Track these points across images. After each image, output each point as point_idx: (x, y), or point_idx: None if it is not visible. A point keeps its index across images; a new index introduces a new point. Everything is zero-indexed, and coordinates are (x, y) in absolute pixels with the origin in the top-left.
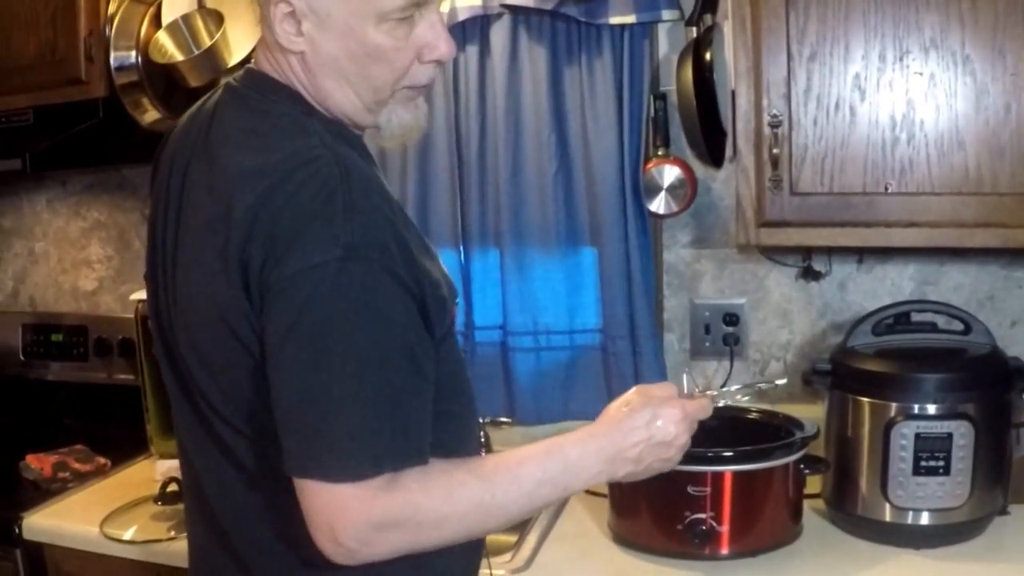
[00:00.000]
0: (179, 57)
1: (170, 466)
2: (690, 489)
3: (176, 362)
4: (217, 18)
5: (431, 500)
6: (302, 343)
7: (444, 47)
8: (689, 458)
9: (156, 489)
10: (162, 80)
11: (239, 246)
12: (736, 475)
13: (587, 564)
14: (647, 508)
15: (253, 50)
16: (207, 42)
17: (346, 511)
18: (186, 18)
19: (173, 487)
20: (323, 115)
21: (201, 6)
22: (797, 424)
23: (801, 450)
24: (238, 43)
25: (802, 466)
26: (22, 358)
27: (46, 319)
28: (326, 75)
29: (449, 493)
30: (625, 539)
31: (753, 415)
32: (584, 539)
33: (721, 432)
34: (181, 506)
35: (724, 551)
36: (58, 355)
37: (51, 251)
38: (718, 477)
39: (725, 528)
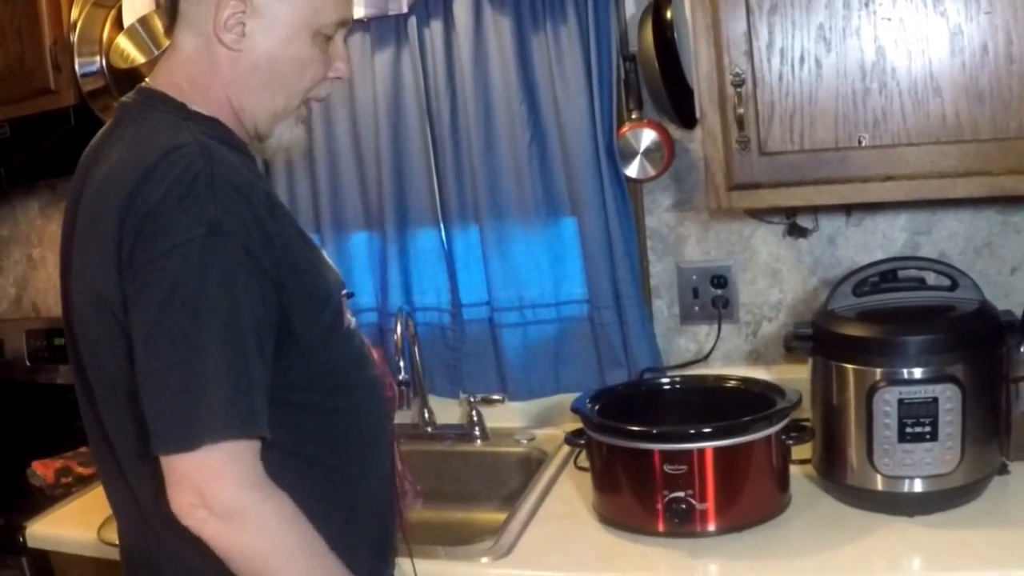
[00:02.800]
0: (140, 60)
1: None
2: (667, 468)
3: (78, 356)
4: (174, 16)
5: (289, 522)
6: (173, 319)
7: (345, 66)
8: (665, 435)
9: None
10: (128, 83)
11: (115, 233)
12: (714, 451)
13: (571, 547)
14: (627, 487)
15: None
16: (166, 42)
17: (217, 473)
18: (143, 20)
19: None
20: (204, 119)
21: (159, 6)
22: (778, 392)
23: (782, 421)
24: None
25: (784, 437)
26: (28, 363)
27: (50, 324)
28: (254, 76)
29: (301, 533)
30: (609, 519)
31: (732, 384)
32: (570, 519)
33: (699, 404)
34: None
35: (709, 528)
36: (63, 359)
37: (48, 256)
38: (695, 454)
39: (707, 505)
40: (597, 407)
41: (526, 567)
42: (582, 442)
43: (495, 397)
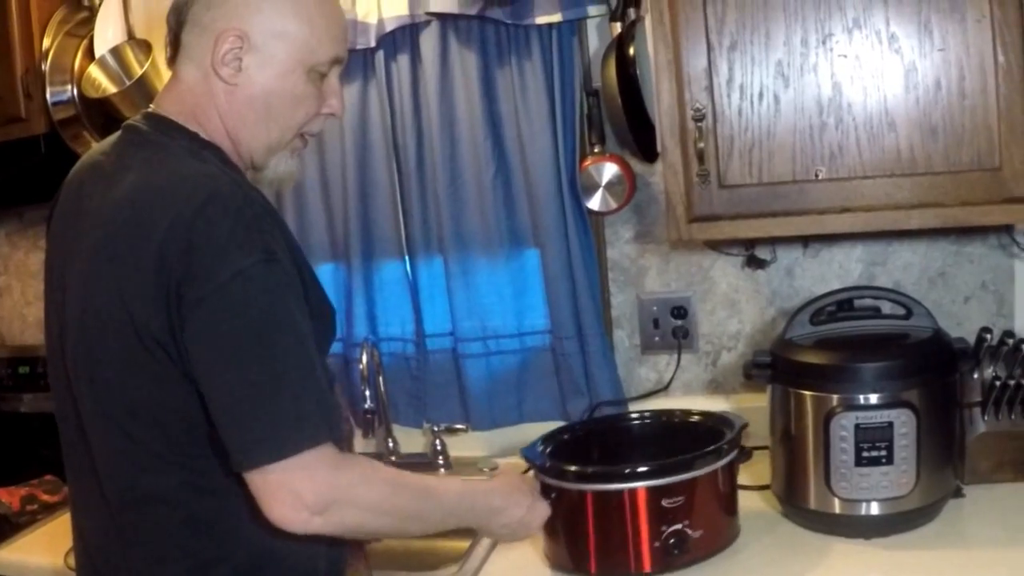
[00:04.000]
0: (111, 90)
1: None
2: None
3: (67, 381)
4: (146, 48)
5: (376, 487)
6: (248, 340)
7: (338, 103)
8: (605, 476)
9: None
10: (99, 113)
11: (155, 260)
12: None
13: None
14: (574, 531)
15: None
16: (138, 72)
17: (313, 473)
18: (115, 51)
19: None
20: (215, 149)
21: (131, 37)
22: (728, 425)
23: (727, 455)
24: (168, 71)
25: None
26: None
27: (13, 352)
28: (250, 110)
29: (393, 489)
30: (556, 562)
31: (679, 419)
32: (533, 546)
33: (645, 443)
34: None
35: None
36: (28, 387)
37: (13, 284)
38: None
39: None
40: (550, 449)
41: None
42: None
43: (458, 426)
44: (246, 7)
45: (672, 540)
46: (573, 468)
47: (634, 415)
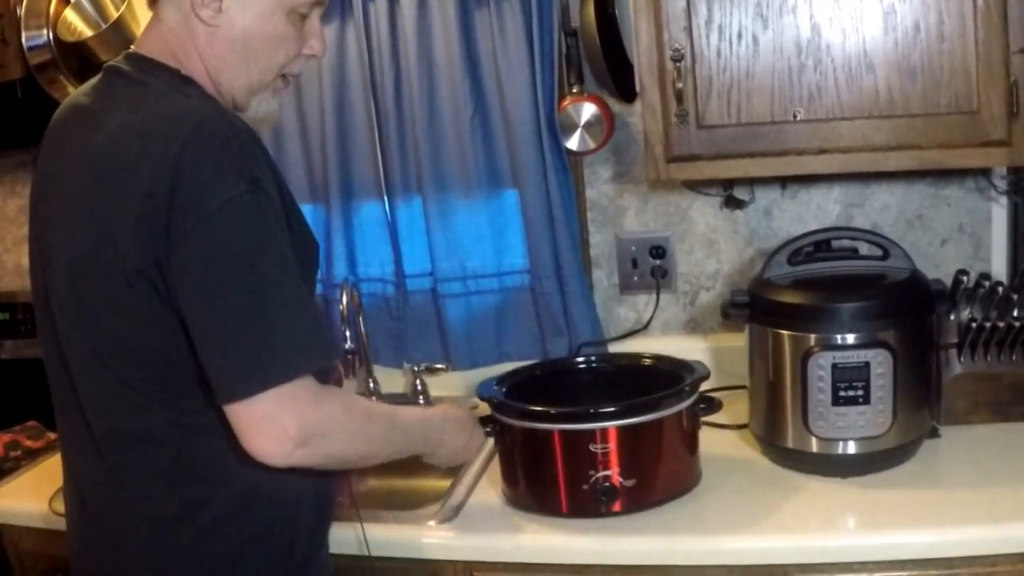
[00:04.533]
0: (88, 33)
1: None
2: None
3: (52, 324)
4: None
5: (356, 417)
6: (235, 270)
7: (319, 44)
8: (577, 415)
9: None
10: (75, 57)
11: (140, 196)
12: (623, 430)
13: (506, 514)
14: (545, 472)
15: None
16: (114, 15)
17: (298, 405)
18: None
19: None
20: (197, 86)
21: None
22: (688, 369)
23: (691, 396)
24: (145, 13)
25: (694, 410)
26: None
27: None
28: (230, 51)
29: (369, 417)
30: (518, 502)
31: (648, 361)
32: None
33: (607, 383)
34: None
35: (625, 506)
36: (8, 333)
37: None
38: (606, 433)
39: (625, 482)
40: (505, 389)
41: (472, 531)
42: (488, 430)
43: (438, 366)
44: None
45: (603, 486)
46: (529, 407)
47: (592, 359)
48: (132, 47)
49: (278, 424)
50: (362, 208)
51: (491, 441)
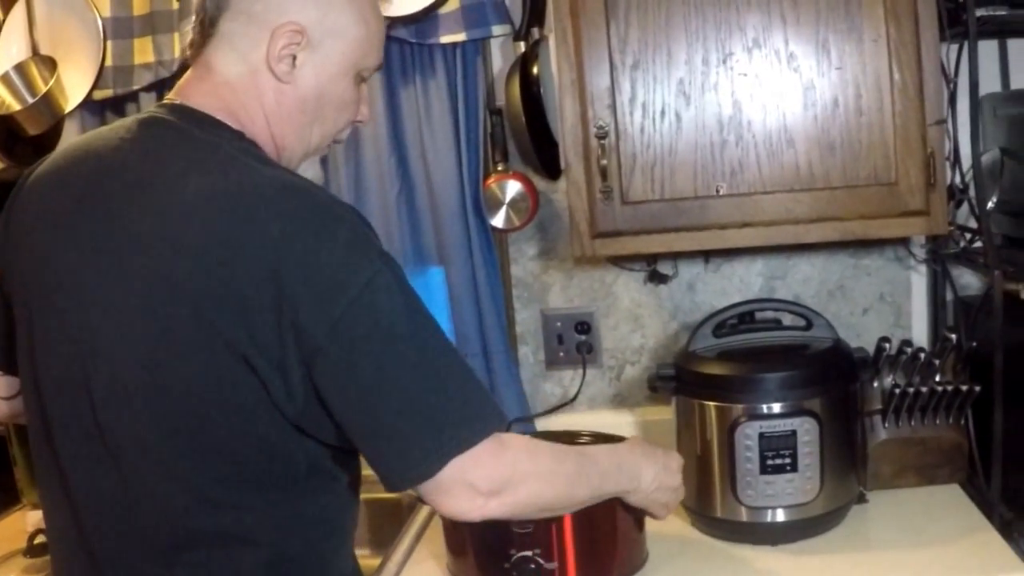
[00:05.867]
0: (16, 107)
1: (40, 517)
2: (514, 527)
3: (72, 402)
4: (51, 64)
5: (541, 458)
6: (398, 345)
7: (368, 111)
8: None
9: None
10: (2, 130)
11: (252, 280)
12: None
13: None
14: (473, 547)
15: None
16: (42, 89)
17: (482, 464)
18: (19, 67)
19: (41, 538)
20: (261, 150)
21: (35, 53)
22: None
23: None
24: (74, 87)
25: None
26: None
27: None
28: (301, 112)
29: (554, 456)
30: None
31: (584, 440)
32: (443, 561)
33: None
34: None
35: None
36: None
37: None
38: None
39: (556, 565)
40: None
41: None
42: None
43: None
44: (306, 1)
45: (531, 566)
46: None
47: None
48: (174, 97)
49: (465, 484)
50: None
51: (415, 523)
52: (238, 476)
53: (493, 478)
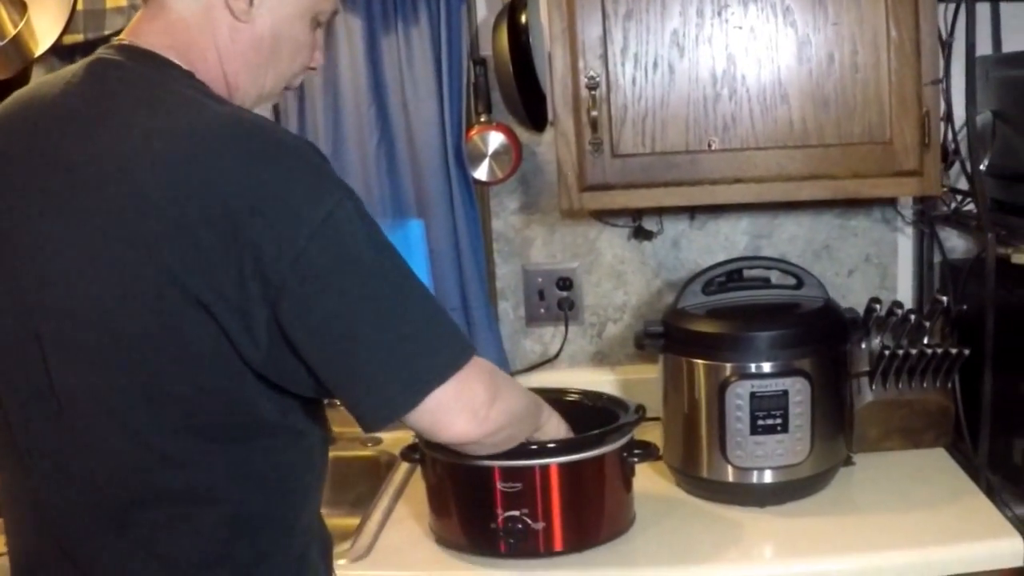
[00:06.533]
0: None
1: None
2: (501, 486)
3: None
4: (20, 7)
5: (511, 385)
6: (363, 276)
7: (322, 56)
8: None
9: None
10: None
11: (208, 220)
12: (551, 468)
13: (426, 549)
14: (457, 507)
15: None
16: (11, 32)
17: (468, 383)
18: None
19: None
20: (211, 91)
21: None
22: (621, 405)
23: (626, 436)
24: (44, 31)
25: (626, 454)
26: None
27: None
28: (256, 52)
29: (515, 385)
30: (446, 540)
31: (573, 397)
32: (423, 520)
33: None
34: None
35: (555, 548)
36: None
37: None
38: (532, 472)
39: (543, 525)
40: None
41: (385, 567)
42: (417, 457)
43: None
44: None
45: (519, 526)
46: None
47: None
48: (124, 37)
49: (468, 394)
50: None
51: (394, 481)
52: (196, 431)
53: (480, 394)
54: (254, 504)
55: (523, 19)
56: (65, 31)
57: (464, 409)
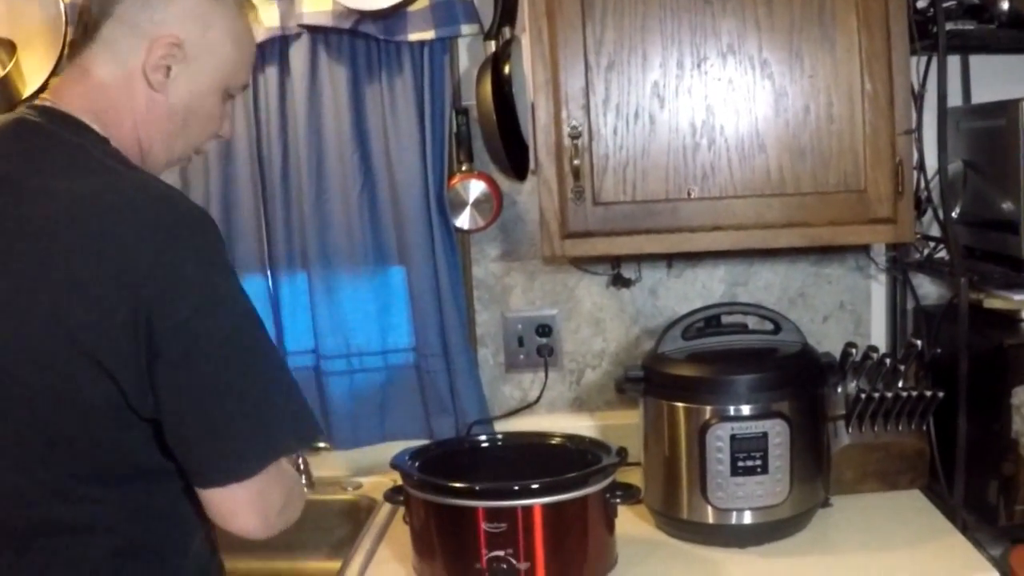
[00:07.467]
0: None
1: None
2: (486, 526)
3: None
4: (9, 48)
5: (290, 473)
6: (236, 353)
7: (231, 127)
8: (488, 493)
9: None
10: None
11: (111, 284)
12: (535, 509)
13: None
14: (442, 548)
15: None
16: (0, 73)
17: (273, 490)
18: None
19: None
20: (123, 156)
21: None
22: (603, 448)
23: (609, 477)
24: (32, 72)
25: (609, 496)
26: None
27: None
28: (168, 121)
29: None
30: None
31: (556, 440)
32: (405, 564)
33: (522, 461)
34: None
35: None
36: None
37: None
38: (520, 512)
39: (528, 566)
40: (418, 463)
41: None
42: (401, 499)
43: (320, 445)
44: (186, 17)
45: (503, 567)
46: (459, 485)
47: (504, 435)
48: (46, 99)
49: (269, 498)
50: (244, 282)
51: (374, 525)
52: (90, 473)
53: (284, 494)
54: (145, 535)
55: (506, 70)
56: (54, 72)
57: (257, 511)
